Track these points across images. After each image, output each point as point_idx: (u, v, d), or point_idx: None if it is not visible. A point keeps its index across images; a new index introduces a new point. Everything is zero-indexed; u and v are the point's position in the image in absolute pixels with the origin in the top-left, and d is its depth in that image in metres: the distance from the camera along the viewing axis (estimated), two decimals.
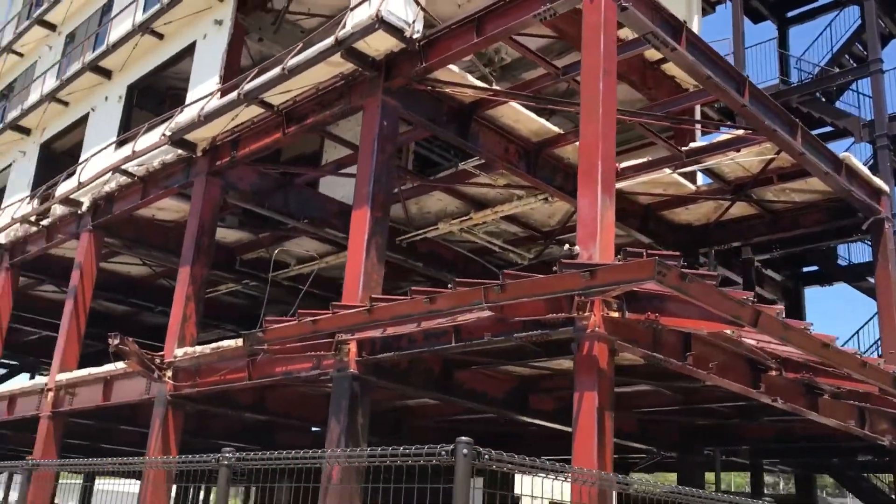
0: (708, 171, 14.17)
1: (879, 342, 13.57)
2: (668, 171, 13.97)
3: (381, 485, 6.38)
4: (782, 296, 18.84)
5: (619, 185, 14.10)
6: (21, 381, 25.83)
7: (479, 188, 15.30)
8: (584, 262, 7.89)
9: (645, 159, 14.09)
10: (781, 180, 14.00)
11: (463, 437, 4.44)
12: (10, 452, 20.64)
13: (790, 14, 19.96)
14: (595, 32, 8.85)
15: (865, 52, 16.73)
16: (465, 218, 16.18)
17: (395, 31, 10.91)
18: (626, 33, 10.62)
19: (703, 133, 15.27)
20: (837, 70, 16.86)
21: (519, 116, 12.72)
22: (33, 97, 21.26)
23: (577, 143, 13.00)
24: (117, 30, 18.12)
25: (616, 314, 7.74)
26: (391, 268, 19.10)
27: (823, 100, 17.50)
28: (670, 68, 16.73)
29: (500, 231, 17.19)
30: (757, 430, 14.60)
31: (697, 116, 16.08)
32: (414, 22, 11.20)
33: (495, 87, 12.89)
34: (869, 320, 15.43)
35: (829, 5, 18.29)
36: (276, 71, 12.16)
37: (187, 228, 14.27)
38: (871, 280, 15.96)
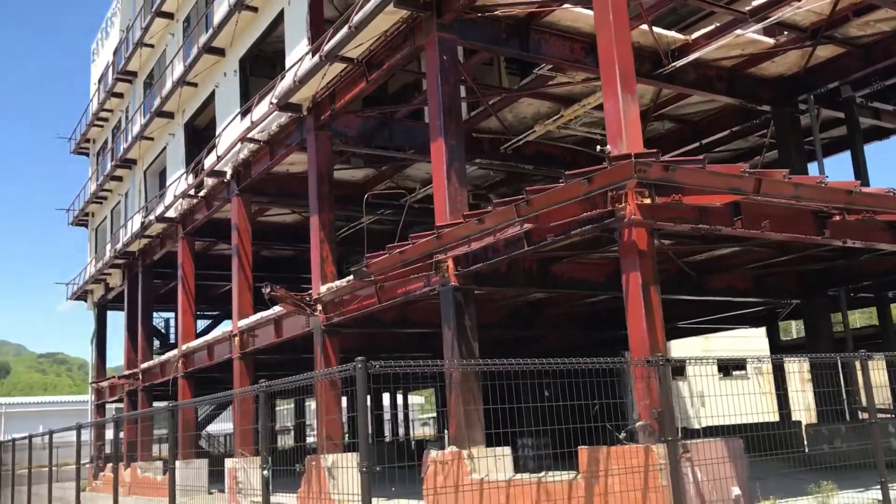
0: (780, 25, 14.13)
1: None
2: (739, 32, 14.12)
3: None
4: None
5: (697, 53, 14.57)
6: (223, 328, 29.66)
7: (562, 87, 16.05)
8: (621, 153, 8.80)
9: (713, 27, 14.29)
10: (858, 15, 13.79)
11: (360, 357, 5.74)
12: (222, 390, 24.21)
13: None
14: None
15: None
16: (557, 117, 17.03)
17: None
18: None
19: None
20: None
21: (576, 16, 13.34)
22: (168, 84, 23.85)
23: (643, 27, 13.65)
24: (219, 11, 20.02)
25: (648, 201, 8.68)
26: (507, 175, 20.52)
27: None
28: None
29: (596, 120, 17.85)
30: (876, 265, 14.80)
31: None
32: None
33: None
34: None
35: None
36: (345, 30, 13.49)
37: (309, 180, 16.17)
38: None
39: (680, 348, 29.17)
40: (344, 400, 22.41)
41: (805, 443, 15.64)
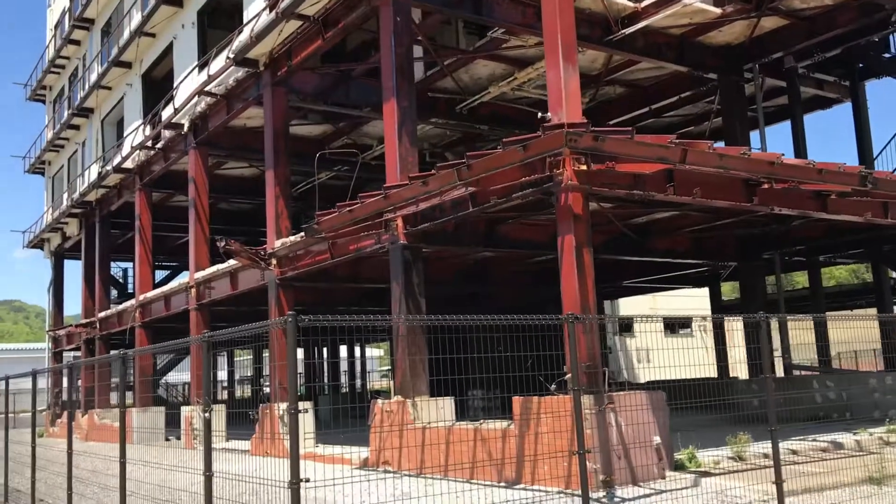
0: None
1: None
2: (687, 1, 14.53)
3: None
4: (846, 94, 18.99)
5: (646, 21, 14.93)
6: (181, 279, 29.86)
7: (516, 50, 16.37)
8: (555, 123, 9.28)
9: None
10: None
11: (290, 312, 6.16)
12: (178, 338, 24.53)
13: None
14: None
15: None
16: (511, 79, 17.39)
17: None
18: None
19: None
20: None
21: None
22: (126, 33, 23.67)
23: None
24: None
25: (584, 167, 9.16)
26: (464, 134, 20.87)
27: None
28: None
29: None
30: (807, 231, 15.52)
31: None
32: None
33: None
34: None
35: None
36: None
37: (265, 136, 16.40)
38: None
39: (628, 306, 30.12)
40: (301, 351, 22.88)
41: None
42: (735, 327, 24.98)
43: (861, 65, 17.73)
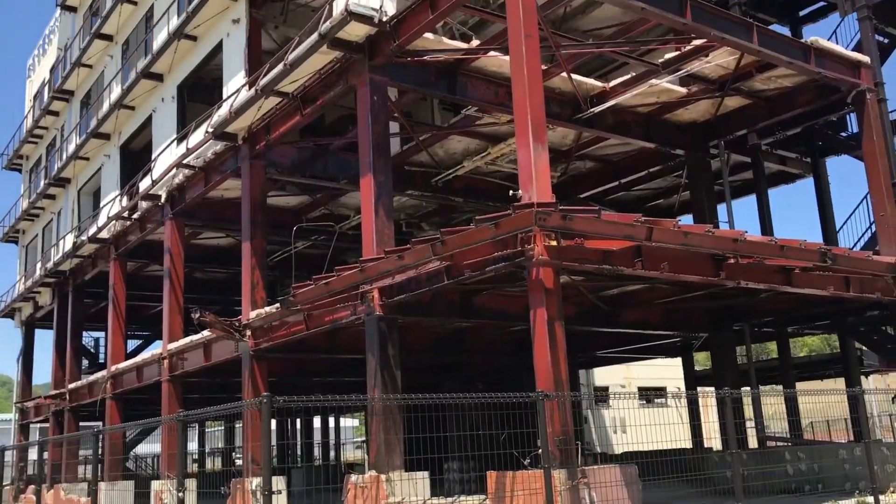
0: (691, 76, 15.18)
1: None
2: (654, 81, 15.13)
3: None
4: (808, 169, 19.61)
5: (614, 100, 15.53)
6: (154, 349, 29.60)
7: (489, 127, 16.83)
8: (525, 202, 9.56)
9: (630, 75, 15.27)
10: (760, 71, 14.93)
11: (265, 393, 6.32)
12: (151, 411, 24.21)
13: None
14: (514, 2, 10.26)
15: None
16: (484, 154, 17.81)
17: (365, 18, 12.55)
18: None
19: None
20: None
21: (501, 63, 14.11)
22: (105, 105, 23.98)
23: (563, 74, 14.54)
24: (159, 37, 20.37)
25: (554, 243, 9.43)
26: (439, 206, 21.20)
27: None
28: None
29: None
30: (775, 303, 15.85)
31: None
32: (382, 7, 12.76)
33: (475, 41, 14.26)
34: (864, 197, 16.20)
35: None
36: (280, 66, 14.04)
37: (242, 208, 16.58)
38: None
39: (603, 375, 30.21)
40: (274, 423, 22.66)
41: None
42: (710, 399, 25.14)
43: (820, 143, 18.38)
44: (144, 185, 20.67)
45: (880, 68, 15.42)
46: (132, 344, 33.80)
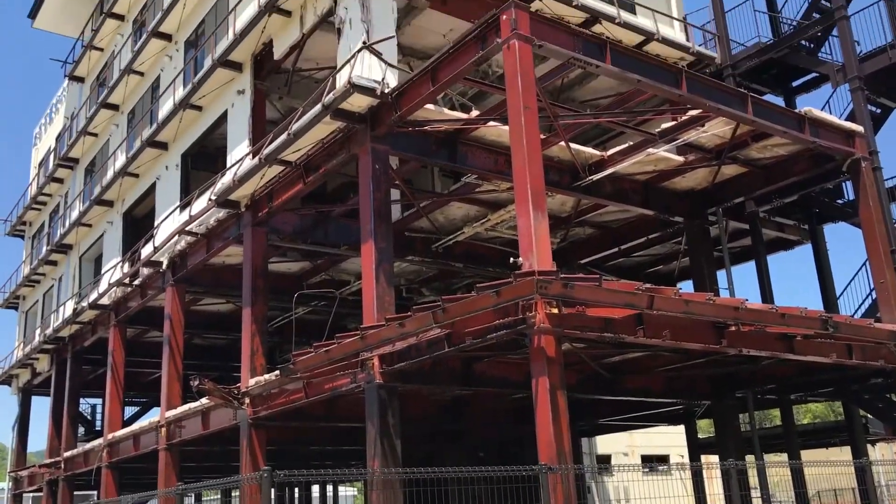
0: (687, 145, 15.41)
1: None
2: (651, 150, 15.35)
3: None
4: (806, 236, 19.73)
5: (612, 168, 15.73)
6: (151, 416, 29.32)
7: (489, 194, 17.01)
8: (526, 270, 9.61)
9: (627, 144, 15.51)
10: (756, 140, 15.16)
11: (266, 466, 6.25)
12: (147, 480, 23.85)
13: None
14: (513, 75, 10.50)
15: None
16: (484, 220, 17.96)
17: (367, 90, 12.82)
18: None
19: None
20: (810, 21, 17.60)
21: (500, 132, 14.36)
22: (110, 173, 24.27)
23: (562, 143, 14.77)
24: (164, 107, 20.74)
25: (556, 310, 9.45)
26: (439, 272, 21.28)
27: (812, 46, 18.26)
28: (652, 48, 18.13)
29: None
30: (778, 370, 15.77)
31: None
32: (384, 79, 13.05)
33: (475, 112, 14.53)
34: (864, 263, 16.30)
35: None
36: (283, 136, 14.28)
37: (243, 274, 16.65)
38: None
39: (606, 442, 29.84)
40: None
41: None
42: (714, 466, 24.76)
43: (818, 210, 18.54)
44: (146, 251, 20.78)
45: (874, 137, 15.68)
46: (129, 411, 33.50)
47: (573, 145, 15.02)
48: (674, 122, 14.69)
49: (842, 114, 16.83)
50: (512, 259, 10.04)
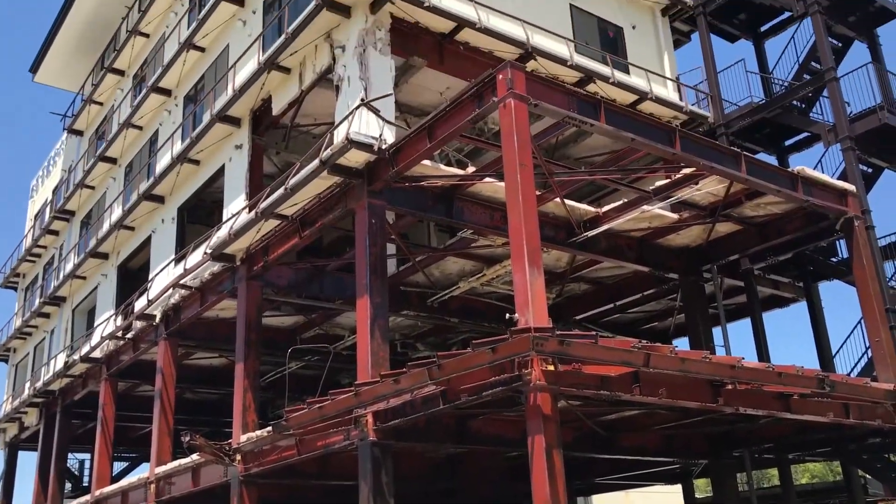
0: (681, 203, 15.52)
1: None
2: (646, 207, 15.45)
3: None
4: (801, 294, 19.76)
5: (607, 225, 15.81)
6: (140, 471, 28.82)
7: (485, 249, 17.05)
8: (522, 327, 9.57)
9: (622, 201, 15.62)
10: (750, 198, 15.27)
11: None
12: None
13: (763, 28, 21.10)
14: (509, 133, 10.61)
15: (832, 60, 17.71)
16: (480, 275, 17.97)
17: (365, 146, 12.95)
18: None
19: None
20: (801, 82, 17.92)
21: (496, 188, 14.46)
22: (105, 226, 24.30)
23: (557, 199, 14.87)
24: (162, 161, 20.88)
25: (552, 367, 9.39)
26: (435, 326, 21.20)
27: (803, 106, 18.56)
28: (646, 107, 18.39)
29: None
30: (775, 429, 15.63)
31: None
32: (381, 135, 13.19)
33: (471, 168, 14.65)
34: (859, 321, 16.33)
35: (793, 17, 19.36)
36: (281, 191, 14.36)
37: (237, 328, 16.55)
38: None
39: (603, 502, 29.39)
40: None
41: None
42: None
43: (812, 268, 18.60)
44: (140, 304, 20.69)
45: (866, 196, 15.82)
46: (118, 466, 32.98)
47: (568, 202, 15.13)
48: (668, 180, 14.82)
49: (834, 173, 17.00)
50: (508, 315, 10.00)
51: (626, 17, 19.29)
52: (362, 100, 13.65)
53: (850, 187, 15.31)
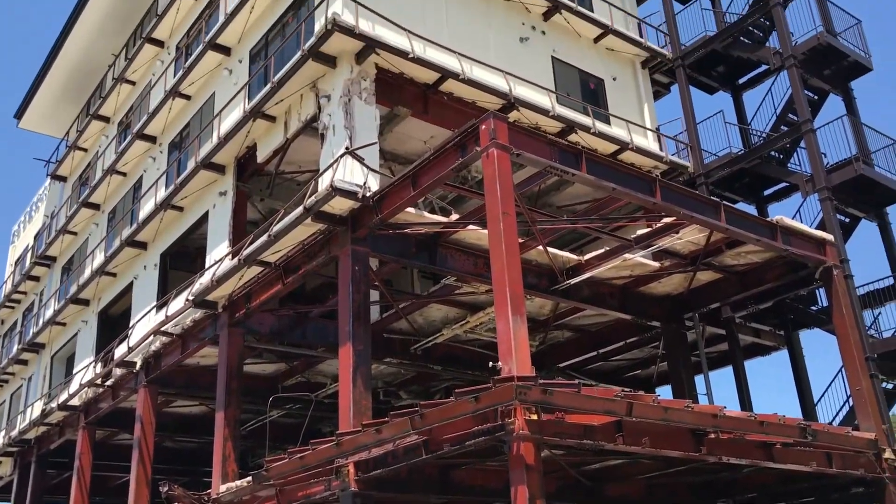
0: (662, 251, 15.66)
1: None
2: (627, 255, 15.57)
3: None
4: (782, 342, 19.85)
5: (589, 273, 15.88)
6: None
7: (469, 295, 17.07)
8: (505, 376, 9.56)
9: (603, 249, 15.74)
10: (730, 247, 15.43)
11: None
12: None
13: (741, 81, 21.59)
14: (492, 182, 10.73)
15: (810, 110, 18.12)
16: (463, 322, 17.96)
17: (349, 194, 13.03)
18: None
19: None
20: (779, 133, 18.29)
21: (479, 236, 14.55)
22: (87, 272, 24.15)
23: (540, 247, 14.96)
24: (145, 207, 20.87)
25: (535, 416, 9.35)
26: (418, 374, 21.09)
27: (781, 157, 18.90)
28: (627, 156, 18.65)
29: None
30: (758, 478, 15.58)
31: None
32: (365, 183, 13.29)
33: (454, 215, 14.74)
34: (840, 370, 16.44)
35: (770, 70, 19.84)
36: (264, 237, 14.38)
37: (218, 376, 16.41)
38: None
39: None
40: None
41: None
42: None
43: (792, 316, 18.73)
44: (120, 351, 20.48)
45: (844, 246, 16.04)
46: None
47: (551, 249, 15.22)
48: (649, 229, 14.97)
49: (812, 222, 17.26)
50: (491, 363, 10.00)
51: (606, 69, 19.65)
52: (347, 148, 13.78)
53: (829, 237, 15.51)
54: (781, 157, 18.95)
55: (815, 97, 19.56)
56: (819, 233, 15.48)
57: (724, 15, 20.92)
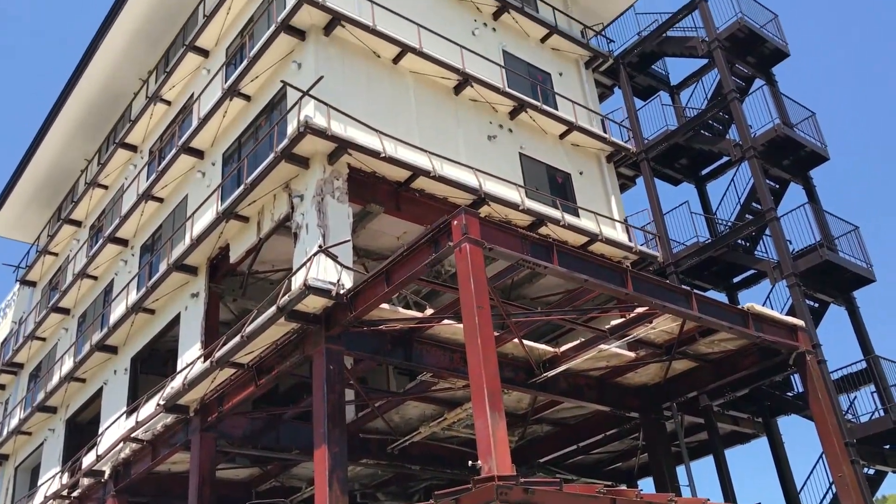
0: (637, 342, 15.70)
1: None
2: (603, 346, 15.59)
3: None
4: (761, 429, 19.76)
5: (566, 365, 15.84)
6: None
7: (446, 392, 16.89)
8: (485, 475, 9.38)
9: (578, 341, 15.75)
10: (703, 336, 15.52)
11: None
12: None
13: (703, 172, 22.22)
14: (466, 277, 10.80)
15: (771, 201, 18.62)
16: (441, 419, 17.70)
17: (323, 292, 13.02)
18: None
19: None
20: (744, 221, 18.75)
21: (455, 330, 14.52)
22: (55, 378, 23.63)
23: (515, 340, 14.93)
24: (116, 311, 20.64)
25: None
26: (395, 475, 20.61)
27: (748, 244, 19.28)
28: (597, 247, 18.89)
29: None
30: None
31: None
32: (339, 281, 13.30)
33: (429, 310, 14.75)
34: (821, 456, 16.38)
35: (731, 161, 20.48)
36: (237, 338, 14.23)
37: (190, 483, 15.91)
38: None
39: None
40: None
41: None
42: None
43: (769, 403, 18.72)
44: (88, 460, 19.85)
45: (815, 331, 16.19)
46: None
47: (527, 342, 15.21)
48: (623, 319, 15.05)
49: (783, 308, 17.45)
50: (471, 462, 9.81)
51: (573, 163, 20.13)
52: (320, 246, 13.84)
53: (800, 322, 15.68)
54: (748, 244, 19.31)
55: (777, 186, 20.12)
56: (790, 319, 15.65)
57: (685, 110, 21.68)
